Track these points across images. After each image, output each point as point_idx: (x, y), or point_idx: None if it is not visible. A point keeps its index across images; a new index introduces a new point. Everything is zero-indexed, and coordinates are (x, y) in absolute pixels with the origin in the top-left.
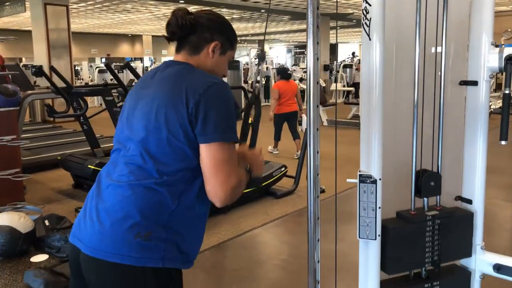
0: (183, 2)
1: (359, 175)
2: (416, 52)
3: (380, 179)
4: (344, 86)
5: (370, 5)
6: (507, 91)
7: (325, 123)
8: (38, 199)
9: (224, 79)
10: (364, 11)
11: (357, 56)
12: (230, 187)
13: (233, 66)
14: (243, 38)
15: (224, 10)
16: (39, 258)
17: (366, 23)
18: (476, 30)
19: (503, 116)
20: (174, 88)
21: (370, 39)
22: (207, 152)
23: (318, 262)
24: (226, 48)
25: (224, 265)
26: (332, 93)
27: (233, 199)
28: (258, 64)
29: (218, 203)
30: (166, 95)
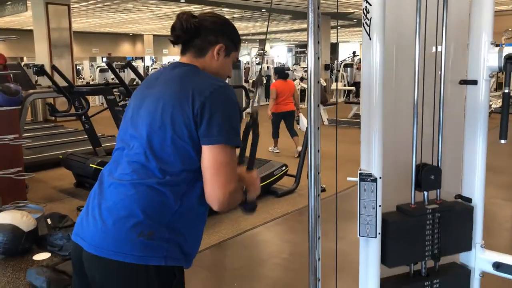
0: (183, 1)
1: (360, 173)
2: (416, 51)
3: (380, 178)
4: (344, 86)
5: (370, 5)
6: (506, 90)
7: (325, 122)
8: (40, 198)
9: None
10: (364, 10)
11: (357, 55)
12: (229, 191)
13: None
14: (244, 37)
15: (225, 10)
16: (42, 256)
17: (366, 22)
18: (476, 30)
19: (502, 115)
20: (180, 89)
21: (370, 39)
22: (209, 154)
23: (319, 260)
24: (230, 49)
25: (224, 264)
26: (332, 92)
27: (230, 206)
28: (256, 87)
29: (216, 206)
30: (172, 95)
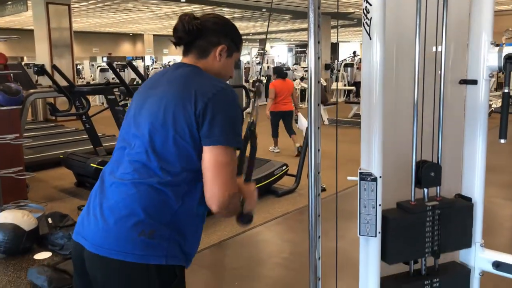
0: (184, 1)
1: (360, 173)
2: (416, 51)
3: (380, 177)
4: (345, 85)
5: (370, 5)
6: (506, 90)
7: (326, 122)
8: (41, 197)
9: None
10: (364, 10)
11: (358, 55)
12: (229, 193)
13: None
14: (244, 37)
15: (226, 9)
16: (43, 255)
17: (366, 22)
18: (475, 29)
19: (502, 114)
20: (183, 89)
21: (370, 39)
22: (210, 154)
23: (319, 259)
24: (232, 50)
25: (225, 263)
26: (333, 92)
27: (229, 208)
28: (254, 100)
29: (215, 206)
30: (175, 95)
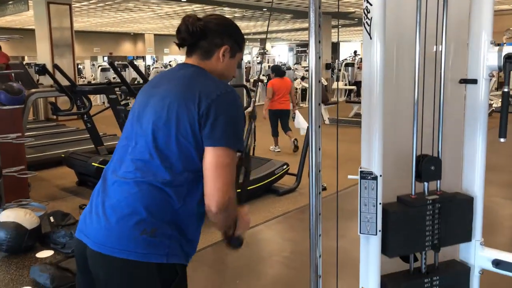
0: (185, 0)
1: (360, 171)
2: (417, 50)
3: (380, 176)
4: (345, 85)
5: (371, 4)
6: (506, 89)
7: (326, 122)
8: (43, 196)
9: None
10: (365, 10)
11: (358, 54)
12: (228, 196)
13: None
14: (245, 36)
15: (226, 9)
16: (45, 254)
17: (367, 22)
18: (475, 29)
19: (502, 113)
20: (187, 89)
21: (371, 38)
22: (211, 155)
23: (320, 257)
24: (235, 51)
25: (226, 261)
26: (333, 91)
27: (228, 210)
28: (250, 123)
29: (214, 207)
30: (178, 95)
